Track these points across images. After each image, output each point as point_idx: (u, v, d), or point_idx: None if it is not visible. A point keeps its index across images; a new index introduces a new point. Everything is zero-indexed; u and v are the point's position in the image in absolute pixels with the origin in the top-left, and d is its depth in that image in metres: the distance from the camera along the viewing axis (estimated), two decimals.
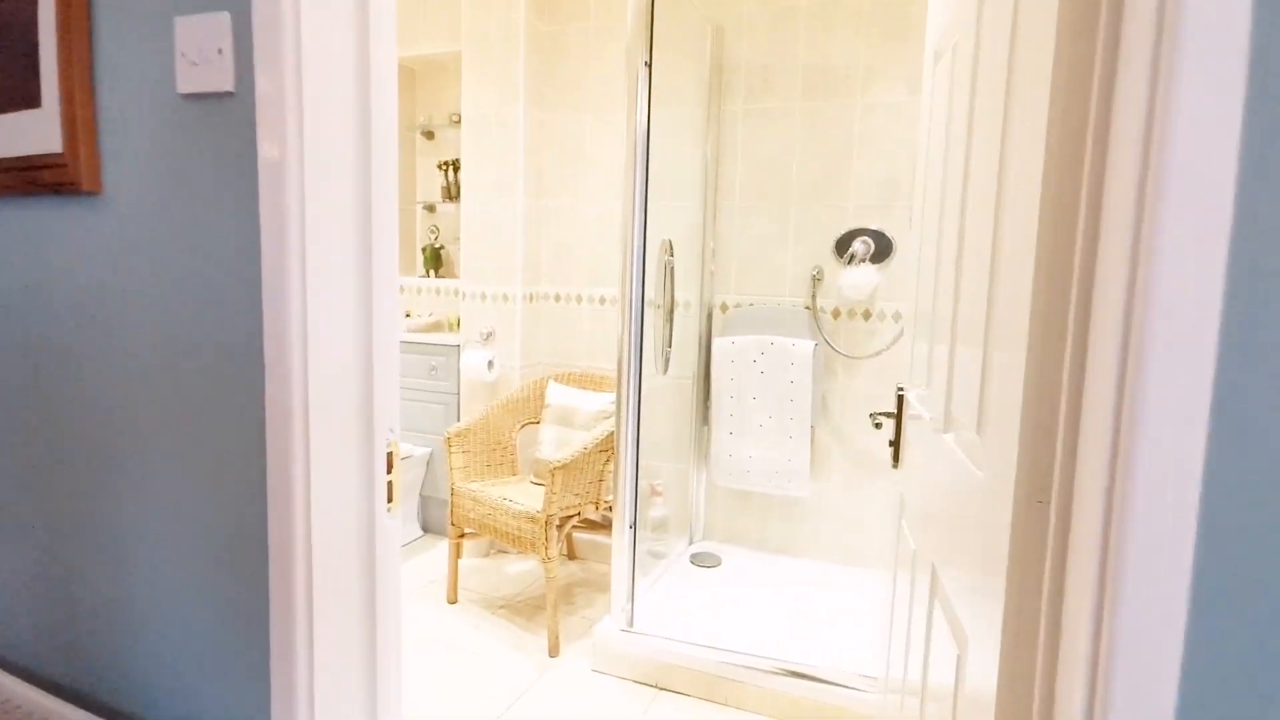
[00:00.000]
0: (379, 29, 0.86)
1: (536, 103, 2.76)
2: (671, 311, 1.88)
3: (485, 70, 2.71)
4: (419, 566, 2.75)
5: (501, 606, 2.45)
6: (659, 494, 2.67)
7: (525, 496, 2.34)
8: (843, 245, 2.41)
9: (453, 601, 2.44)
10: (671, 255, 1.87)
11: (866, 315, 2.42)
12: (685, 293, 2.60)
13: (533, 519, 2.15)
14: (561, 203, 2.84)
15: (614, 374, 1.97)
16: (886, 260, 2.37)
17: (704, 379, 2.61)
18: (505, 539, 2.23)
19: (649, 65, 1.90)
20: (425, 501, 3.05)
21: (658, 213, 2.43)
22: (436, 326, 3.12)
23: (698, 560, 2.57)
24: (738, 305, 2.58)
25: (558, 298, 2.89)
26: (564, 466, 2.11)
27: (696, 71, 2.51)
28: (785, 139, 2.45)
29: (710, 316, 2.62)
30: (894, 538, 1.44)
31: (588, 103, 2.76)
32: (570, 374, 2.75)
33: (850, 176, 2.39)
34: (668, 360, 1.89)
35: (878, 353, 2.35)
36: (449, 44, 2.99)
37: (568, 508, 2.22)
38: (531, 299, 2.83)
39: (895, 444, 1.37)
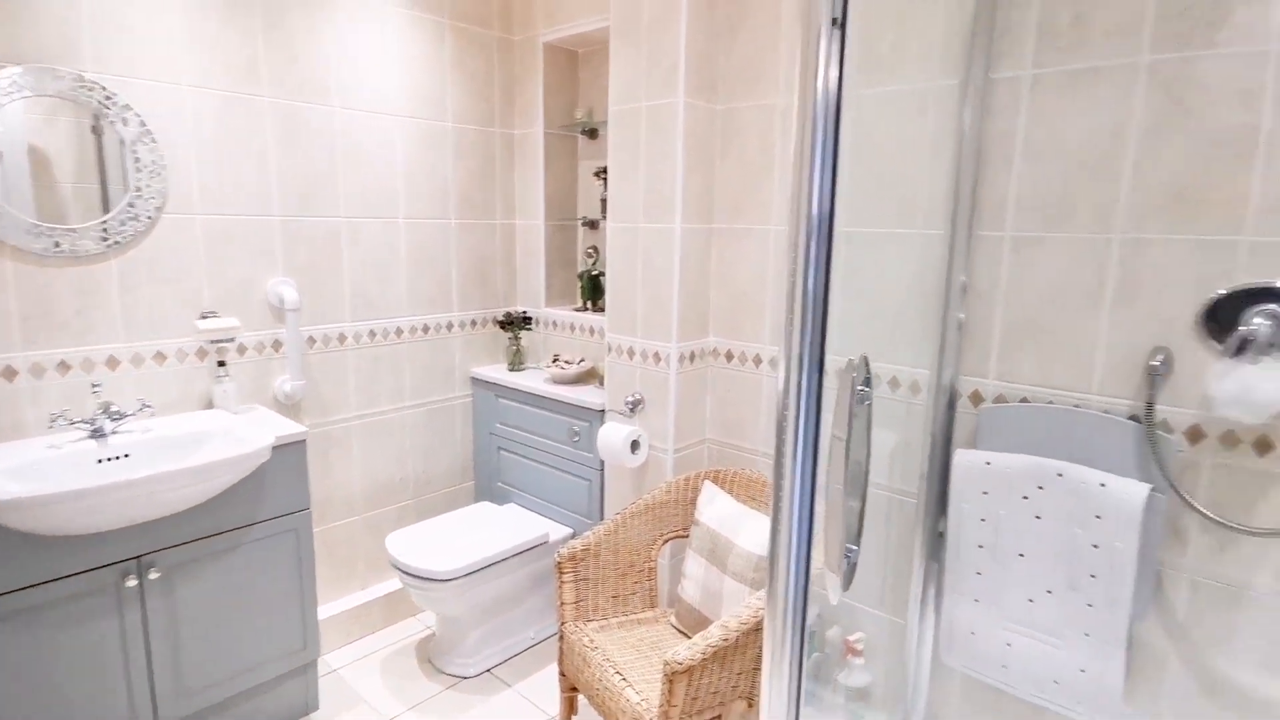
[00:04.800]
0: None
1: (704, 89, 1.97)
2: (865, 475, 1.04)
3: (636, 44, 1.98)
4: (546, 681, 2.22)
5: None
6: (858, 653, 1.83)
7: (649, 665, 1.66)
8: (1223, 316, 1.32)
9: None
10: (869, 384, 1.02)
11: (1264, 448, 1.31)
12: (911, 368, 1.68)
13: None
14: (739, 227, 2.04)
15: None
16: None
17: (938, 496, 1.68)
18: None
19: (840, 23, 1.03)
20: None
21: (866, 245, 1.55)
22: (589, 375, 2.53)
23: None
24: (1000, 399, 1.60)
25: (729, 356, 2.11)
26: (687, 670, 1.38)
27: (950, 10, 1.54)
28: (1111, 119, 1.39)
29: (952, 407, 1.67)
30: None
31: (779, 83, 1.91)
32: (736, 475, 1.98)
33: (1249, 187, 1.27)
34: (852, 568, 1.06)
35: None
36: (607, 14, 2.31)
37: (702, 710, 1.50)
38: (693, 358, 2.10)
39: None
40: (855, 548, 1.08)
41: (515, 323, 2.67)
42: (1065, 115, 1.45)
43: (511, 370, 2.68)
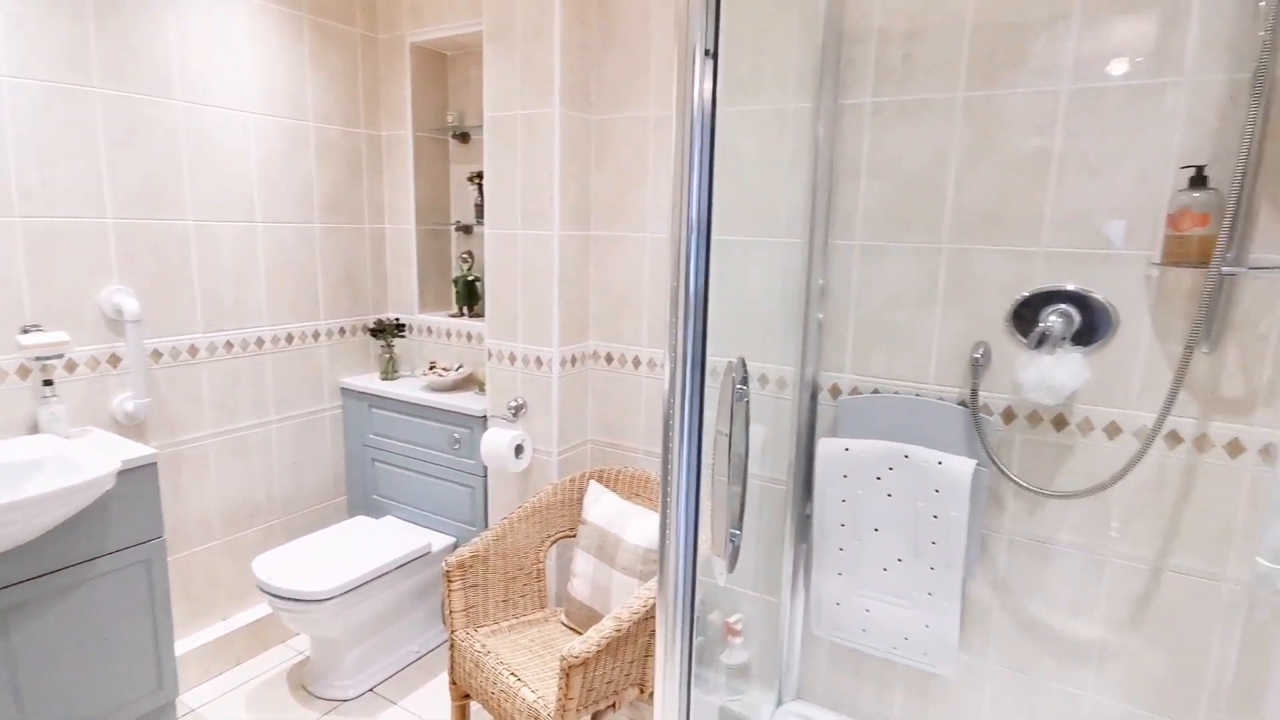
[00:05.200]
0: None
1: (579, 99, 2.03)
2: (745, 468, 1.14)
3: (509, 53, 2.01)
4: (433, 694, 2.18)
5: None
6: (737, 633, 1.96)
7: (543, 664, 1.69)
8: (1024, 316, 1.56)
9: None
10: (745, 382, 1.13)
11: (1060, 424, 1.56)
12: (777, 366, 1.83)
13: None
14: (615, 233, 2.12)
15: None
16: (1100, 342, 1.49)
17: (804, 483, 1.85)
18: None
19: (712, 55, 1.13)
20: None
21: (734, 252, 1.67)
22: (469, 382, 2.51)
23: None
24: (855, 391, 1.78)
25: (609, 359, 2.18)
26: (583, 663, 1.44)
27: (803, 43, 1.70)
28: (935, 145, 1.61)
29: (814, 400, 1.84)
30: None
31: (650, 96, 2.01)
32: (620, 473, 2.05)
33: (1044, 207, 1.51)
34: (736, 551, 1.16)
35: (1082, 492, 1.50)
36: (478, 19, 2.31)
37: (597, 701, 1.55)
38: (574, 361, 2.15)
39: None
40: (739, 532, 1.18)
41: (388, 330, 2.60)
42: (900, 140, 1.64)
43: (385, 379, 2.60)
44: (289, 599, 1.98)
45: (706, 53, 1.13)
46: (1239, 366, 1.38)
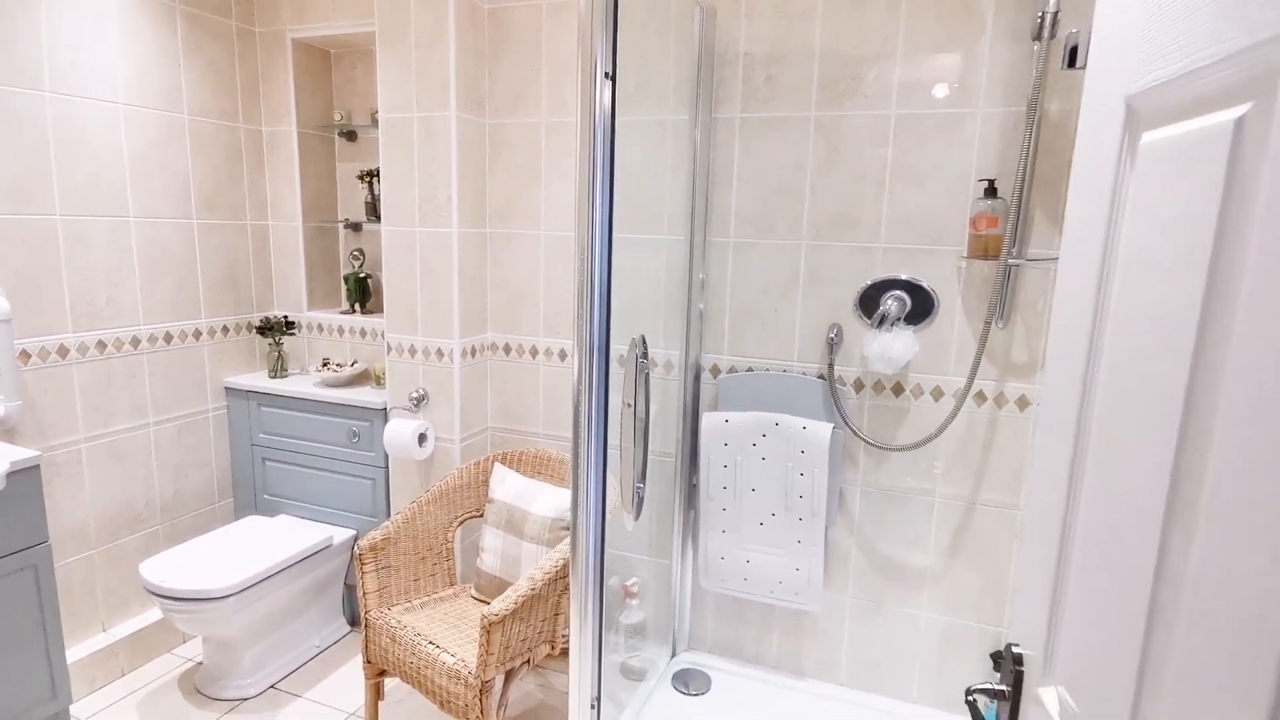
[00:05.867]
0: None
1: (474, 104, 2.14)
2: (647, 431, 1.33)
3: (404, 58, 2.09)
4: (340, 684, 2.22)
5: None
6: (634, 595, 2.15)
7: (458, 633, 1.81)
8: (869, 301, 1.86)
9: None
10: (646, 356, 1.32)
11: (898, 390, 1.88)
12: (666, 350, 2.04)
13: (464, 681, 1.62)
14: (511, 231, 2.25)
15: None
16: (927, 321, 1.82)
17: (690, 455, 2.07)
18: (432, 697, 1.70)
19: (611, 77, 1.31)
20: (352, 593, 2.52)
21: (626, 247, 1.86)
22: (364, 377, 2.55)
23: (682, 682, 2.06)
24: (733, 369, 2.03)
25: (507, 349, 2.31)
26: (502, 620, 1.58)
27: (680, 62, 1.91)
28: (794, 156, 1.88)
29: (698, 379, 2.07)
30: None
31: (542, 103, 2.16)
32: (523, 454, 2.19)
33: (881, 210, 1.82)
34: (640, 501, 1.35)
35: (915, 444, 1.82)
36: (364, 21, 2.35)
37: (514, 657, 1.69)
38: (474, 352, 2.26)
39: None
40: (643, 485, 1.37)
41: (276, 328, 2.57)
42: (766, 150, 1.90)
43: (274, 377, 2.58)
44: (185, 599, 1.95)
45: (606, 75, 1.32)
46: (1024, 338, 1.74)
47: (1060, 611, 0.76)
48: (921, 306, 1.83)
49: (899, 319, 1.84)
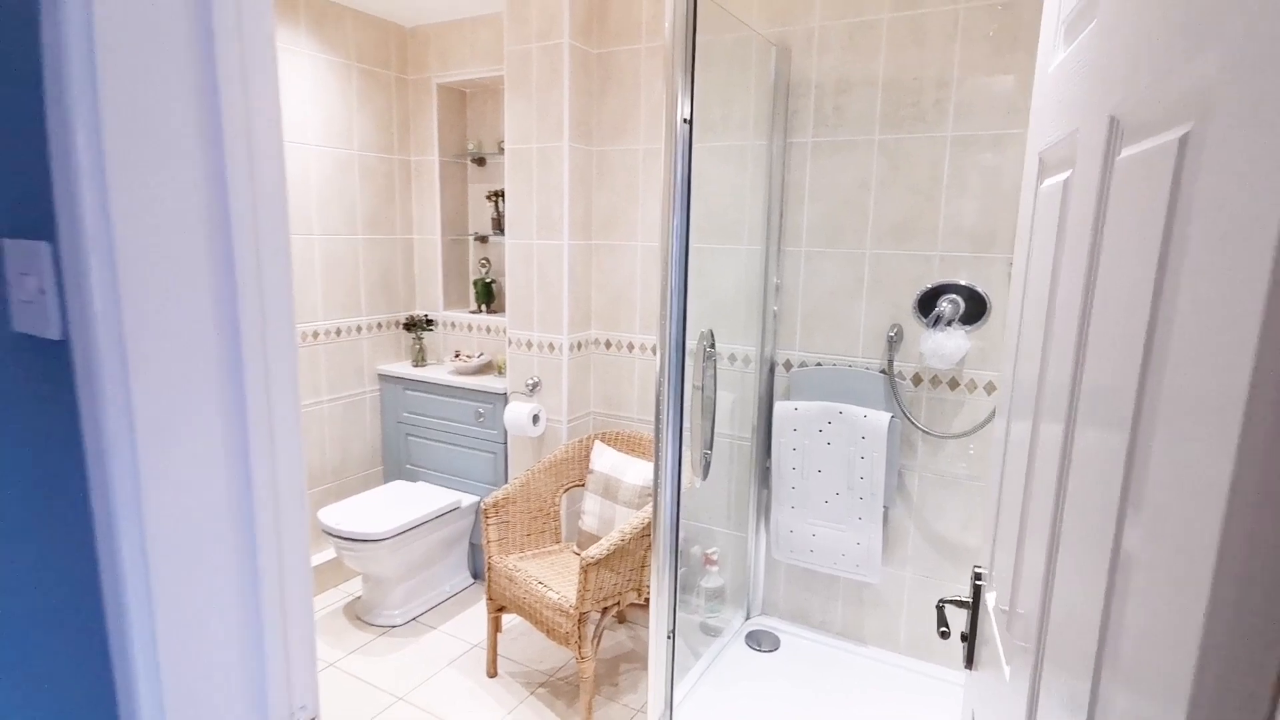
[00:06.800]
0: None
1: (583, 135, 2.52)
2: (714, 409, 1.63)
3: (526, 98, 2.50)
4: (466, 622, 2.66)
5: (542, 685, 2.32)
6: (713, 563, 2.44)
7: (563, 578, 2.18)
8: (926, 303, 2.07)
9: (492, 675, 2.33)
10: (714, 347, 1.62)
11: (954, 385, 2.07)
12: (744, 346, 2.33)
13: (566, 613, 1.98)
14: (612, 242, 2.61)
15: None
16: (980, 323, 2.01)
17: (764, 440, 2.35)
18: (540, 626, 2.08)
19: (689, 123, 1.63)
20: (475, 550, 2.97)
21: (709, 256, 2.16)
22: (489, 367, 3.00)
23: (754, 641, 2.34)
24: (803, 364, 2.29)
25: (608, 344, 2.68)
26: (597, 562, 1.93)
27: (759, 96, 2.20)
28: (859, 175, 2.12)
29: (772, 372, 2.34)
30: None
31: (640, 133, 2.50)
32: (619, 434, 2.55)
33: (937, 222, 2.03)
34: (708, 465, 1.65)
35: (965, 433, 2.01)
36: (494, 67, 2.80)
37: (606, 599, 2.04)
38: (580, 346, 2.64)
39: (969, 639, 1.09)
40: (710, 451, 1.68)
41: (419, 324, 3.07)
42: (834, 171, 2.15)
43: (416, 366, 3.08)
44: (352, 539, 2.45)
45: (684, 120, 1.64)
46: None
47: (997, 539, 1.00)
48: (975, 308, 2.02)
49: (953, 319, 2.03)
